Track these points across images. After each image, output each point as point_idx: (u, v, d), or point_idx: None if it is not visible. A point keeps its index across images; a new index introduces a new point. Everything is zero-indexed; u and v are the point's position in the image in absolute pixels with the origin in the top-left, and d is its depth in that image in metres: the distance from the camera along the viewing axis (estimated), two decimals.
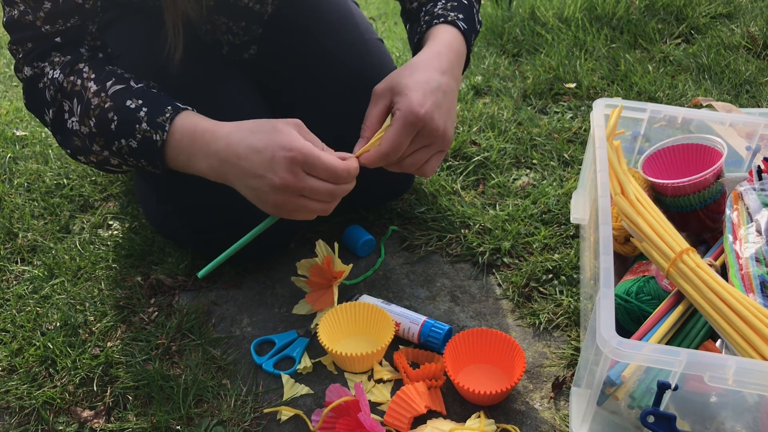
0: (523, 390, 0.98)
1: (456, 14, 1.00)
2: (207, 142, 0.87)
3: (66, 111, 0.94)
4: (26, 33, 0.92)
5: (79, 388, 1.00)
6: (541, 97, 1.69)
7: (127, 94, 0.91)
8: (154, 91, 0.93)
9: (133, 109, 0.90)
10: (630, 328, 0.95)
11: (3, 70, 2.22)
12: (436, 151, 0.92)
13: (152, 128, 0.89)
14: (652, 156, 1.08)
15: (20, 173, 1.49)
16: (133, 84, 0.93)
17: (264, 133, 0.83)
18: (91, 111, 0.91)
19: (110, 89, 0.91)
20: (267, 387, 1.00)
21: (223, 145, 0.86)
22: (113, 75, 0.93)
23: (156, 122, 0.89)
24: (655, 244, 0.87)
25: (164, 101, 0.91)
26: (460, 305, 1.13)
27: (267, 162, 0.82)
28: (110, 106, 0.91)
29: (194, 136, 0.88)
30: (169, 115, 0.89)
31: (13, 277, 1.22)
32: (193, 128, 0.88)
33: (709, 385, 0.70)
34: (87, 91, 0.92)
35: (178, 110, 0.90)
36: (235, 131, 0.86)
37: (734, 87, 1.68)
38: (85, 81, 0.92)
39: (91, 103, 0.91)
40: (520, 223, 1.26)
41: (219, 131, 0.86)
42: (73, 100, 0.93)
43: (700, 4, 2.05)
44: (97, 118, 0.91)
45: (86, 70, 0.93)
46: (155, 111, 0.90)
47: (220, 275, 1.20)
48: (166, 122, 0.89)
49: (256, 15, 1.15)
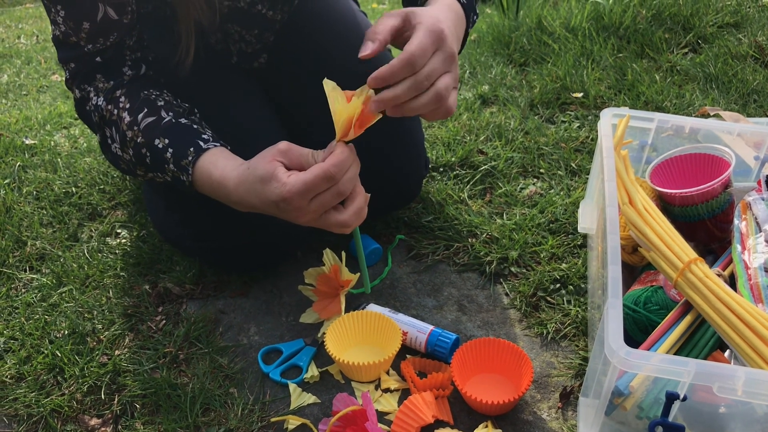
0: (531, 400, 0.98)
1: None
2: (224, 193, 0.92)
3: (109, 137, 0.99)
4: (71, 53, 0.97)
5: (87, 396, 1.00)
6: (548, 107, 1.69)
7: (156, 130, 0.95)
8: (182, 123, 0.96)
9: (161, 150, 0.95)
10: (638, 338, 0.95)
11: (12, 79, 2.23)
12: (454, 82, 0.87)
13: (178, 170, 0.94)
14: (660, 165, 1.08)
15: (29, 181, 1.50)
16: (164, 114, 0.96)
17: (257, 190, 0.85)
18: (127, 142, 0.97)
19: (142, 122, 0.95)
20: (274, 396, 1.00)
21: (237, 200, 0.90)
22: (146, 104, 0.97)
23: (181, 165, 0.94)
24: (663, 253, 0.87)
25: (188, 140, 0.94)
26: (468, 314, 1.13)
27: (276, 209, 0.85)
28: (142, 142, 0.95)
29: (212, 186, 0.93)
30: (192, 159, 0.93)
31: (22, 285, 1.22)
32: (209, 178, 0.92)
33: (718, 396, 0.70)
34: (122, 122, 0.97)
35: (199, 153, 0.93)
36: (240, 186, 0.88)
37: (742, 96, 1.67)
38: (120, 111, 0.97)
39: (126, 135, 0.96)
40: (527, 233, 1.26)
41: (228, 186, 0.90)
42: (112, 128, 0.98)
43: (707, 13, 2.05)
44: (133, 150, 0.97)
45: (122, 99, 0.97)
46: (180, 153, 0.94)
47: (228, 284, 1.20)
48: (189, 166, 0.93)
49: (269, 22, 1.15)
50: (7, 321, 1.14)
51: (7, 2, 4.86)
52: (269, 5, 1.13)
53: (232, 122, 1.09)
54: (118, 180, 1.49)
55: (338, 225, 0.86)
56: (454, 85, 0.86)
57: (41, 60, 2.80)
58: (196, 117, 1.01)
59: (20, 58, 2.85)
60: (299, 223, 0.86)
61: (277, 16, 1.16)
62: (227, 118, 1.09)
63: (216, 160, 0.92)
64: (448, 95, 0.85)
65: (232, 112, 1.11)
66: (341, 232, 0.87)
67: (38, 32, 3.43)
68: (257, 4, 1.11)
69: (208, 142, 0.95)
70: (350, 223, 0.87)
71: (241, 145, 1.00)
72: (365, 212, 0.89)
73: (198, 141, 0.94)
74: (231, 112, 1.11)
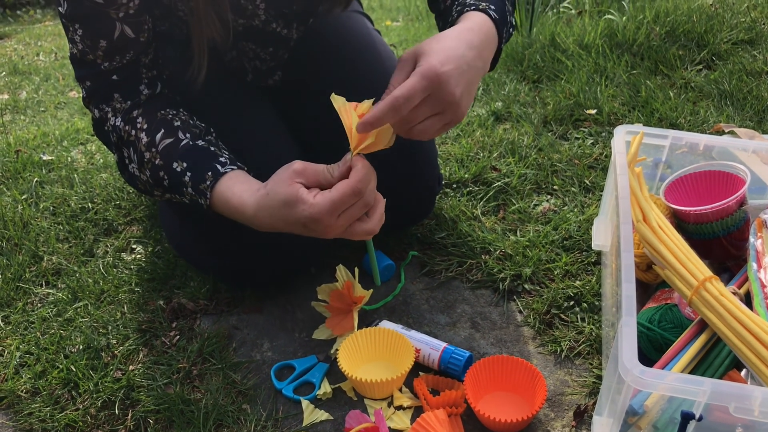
0: (545, 418, 0.97)
1: (488, 4, 0.97)
2: (243, 218, 0.93)
3: (126, 157, 1.00)
4: (87, 71, 0.98)
5: (101, 412, 1.00)
6: (561, 123, 1.69)
7: (174, 153, 0.96)
8: (199, 146, 0.97)
9: (179, 173, 0.96)
10: (653, 356, 0.94)
11: (31, 96, 2.27)
12: (445, 122, 0.88)
13: (197, 194, 0.95)
14: (674, 183, 1.07)
15: (46, 197, 1.51)
16: (181, 136, 0.97)
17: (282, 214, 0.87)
18: (145, 163, 0.98)
19: (160, 144, 0.97)
20: (287, 412, 1.00)
21: (258, 224, 0.91)
22: (163, 125, 0.98)
23: (199, 189, 0.95)
24: (678, 271, 0.86)
25: (206, 164, 0.95)
26: (481, 332, 1.12)
27: (302, 228, 0.87)
28: (160, 164, 0.97)
29: (230, 211, 0.94)
30: (210, 183, 0.94)
31: (38, 299, 1.23)
32: (226, 204, 0.93)
33: (734, 416, 0.69)
34: (139, 143, 0.98)
35: (217, 177, 0.94)
36: (261, 210, 0.89)
37: (757, 113, 1.67)
38: (138, 132, 0.98)
39: (144, 156, 0.97)
40: (541, 250, 1.25)
41: (247, 212, 0.91)
42: (130, 148, 0.99)
43: (722, 30, 2.05)
44: (151, 171, 0.98)
45: (140, 120, 0.98)
46: (197, 177, 0.95)
47: (241, 300, 1.20)
48: (207, 190, 0.94)
49: (283, 40, 1.17)
50: (23, 335, 1.15)
51: (27, 20, 4.94)
52: (284, 24, 1.14)
53: (245, 138, 1.10)
54: (133, 196, 1.51)
55: (365, 233, 0.89)
56: (440, 127, 0.88)
57: (59, 77, 2.84)
58: (213, 137, 1.02)
59: (39, 75, 2.89)
60: (326, 237, 0.88)
61: (291, 34, 1.17)
62: (241, 134, 1.10)
63: (233, 185, 0.93)
64: (427, 135, 0.88)
65: (245, 128, 1.12)
66: (366, 238, 0.90)
67: (57, 49, 3.48)
68: (272, 22, 1.12)
69: (226, 166, 0.96)
70: (376, 229, 0.89)
71: (255, 161, 1.01)
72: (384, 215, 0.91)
73: (216, 165, 0.95)
74: (244, 128, 1.12)
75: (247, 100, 1.17)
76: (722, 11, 2.17)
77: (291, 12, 1.12)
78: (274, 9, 1.09)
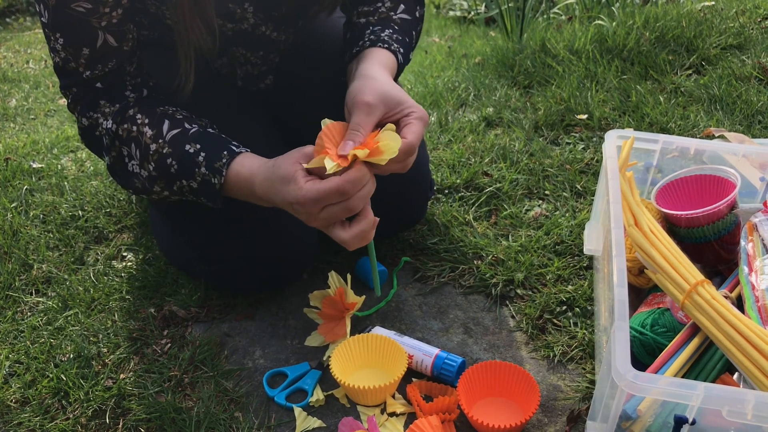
0: (538, 423, 0.97)
1: (398, 47, 1.06)
2: (250, 190, 0.95)
3: (126, 155, 0.99)
4: (71, 79, 0.98)
5: (92, 420, 1.00)
6: (552, 129, 1.69)
7: (184, 138, 0.97)
8: (210, 132, 0.99)
9: (192, 154, 0.96)
10: (645, 360, 0.94)
11: (21, 103, 2.26)
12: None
13: (211, 173, 0.95)
14: (665, 187, 1.08)
15: (36, 205, 1.50)
16: (188, 126, 0.98)
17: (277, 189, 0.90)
18: (150, 156, 0.97)
19: (167, 134, 0.97)
20: (279, 420, 1.00)
21: (260, 195, 0.94)
22: (165, 118, 0.98)
23: (214, 167, 0.95)
24: (670, 275, 0.86)
25: (220, 145, 0.97)
26: (474, 337, 1.12)
27: (290, 208, 0.90)
28: (169, 152, 0.96)
29: (239, 184, 0.95)
30: (226, 161, 0.95)
31: (28, 308, 1.22)
32: (237, 176, 0.95)
33: (727, 420, 0.69)
34: (144, 137, 0.97)
35: (233, 155, 0.96)
36: (264, 182, 0.92)
37: (746, 117, 1.68)
38: (140, 126, 0.97)
39: (150, 149, 0.97)
40: (533, 255, 1.25)
41: (255, 181, 0.94)
42: (131, 145, 0.98)
43: (711, 35, 2.06)
44: (156, 162, 0.97)
45: (139, 116, 0.98)
46: (213, 156, 0.96)
47: (233, 307, 1.20)
48: (224, 167, 0.95)
49: (274, 43, 1.17)
50: (12, 345, 1.14)
51: (17, 27, 4.92)
52: (273, 27, 1.14)
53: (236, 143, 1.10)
54: (124, 203, 1.50)
55: (340, 241, 0.90)
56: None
57: (49, 84, 2.83)
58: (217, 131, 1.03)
59: (29, 83, 2.88)
60: (309, 225, 0.90)
61: (281, 37, 1.17)
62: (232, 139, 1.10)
63: (243, 160, 0.95)
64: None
65: (236, 134, 1.12)
66: (344, 246, 0.91)
67: (46, 57, 3.46)
68: (261, 25, 1.12)
69: (240, 147, 0.98)
70: (351, 244, 0.90)
71: None
72: (370, 236, 0.91)
73: (230, 146, 0.97)
74: (235, 134, 1.12)
75: (237, 107, 1.17)
76: (711, 16, 2.18)
77: (279, 15, 1.12)
78: (262, 12, 1.09)
